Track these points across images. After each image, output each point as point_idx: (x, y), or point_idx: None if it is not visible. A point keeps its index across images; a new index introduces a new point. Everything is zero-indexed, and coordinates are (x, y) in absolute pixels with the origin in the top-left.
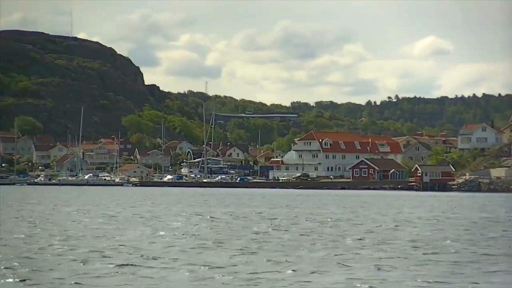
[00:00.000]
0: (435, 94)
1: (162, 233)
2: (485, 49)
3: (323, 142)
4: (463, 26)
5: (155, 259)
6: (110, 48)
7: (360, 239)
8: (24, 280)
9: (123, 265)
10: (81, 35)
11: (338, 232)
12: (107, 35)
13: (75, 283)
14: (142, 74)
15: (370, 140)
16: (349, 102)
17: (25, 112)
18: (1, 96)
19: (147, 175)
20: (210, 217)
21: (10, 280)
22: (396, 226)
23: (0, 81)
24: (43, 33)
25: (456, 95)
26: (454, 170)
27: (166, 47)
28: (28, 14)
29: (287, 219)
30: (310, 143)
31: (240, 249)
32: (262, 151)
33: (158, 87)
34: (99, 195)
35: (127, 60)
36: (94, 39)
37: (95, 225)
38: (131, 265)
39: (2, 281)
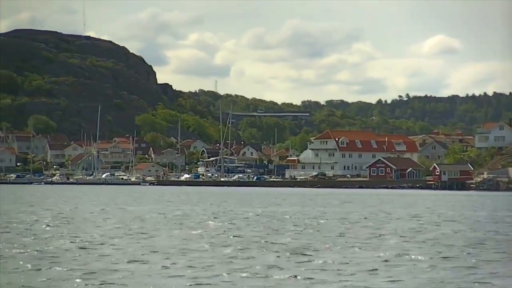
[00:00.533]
0: (445, 93)
1: (205, 232)
2: (494, 48)
3: (340, 141)
4: (471, 25)
5: (224, 263)
6: (123, 47)
7: (414, 238)
8: None
9: (191, 267)
10: (90, 34)
11: (381, 231)
12: (116, 34)
13: None
14: (155, 73)
15: (386, 139)
16: (360, 101)
17: (38, 111)
18: (14, 95)
19: (164, 174)
20: (244, 217)
21: None
22: (437, 225)
23: (14, 80)
24: (56, 32)
25: (467, 94)
26: (472, 169)
27: (175, 46)
28: (37, 13)
29: (325, 218)
30: (326, 142)
31: (293, 250)
32: (275, 150)
33: (171, 86)
34: (122, 195)
35: (139, 59)
36: (103, 38)
37: (137, 224)
38: (204, 269)
39: None
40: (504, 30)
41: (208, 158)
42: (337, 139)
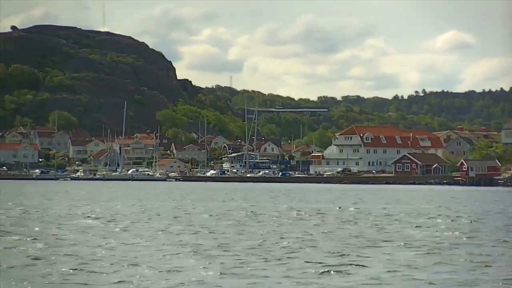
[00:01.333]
0: (461, 88)
1: (287, 228)
2: (507, 43)
3: (364, 136)
4: (484, 20)
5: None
6: (142, 42)
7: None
8: None
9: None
10: (103, 30)
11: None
12: (129, 30)
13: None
14: (174, 69)
15: (411, 134)
16: (376, 97)
17: (60, 107)
18: (36, 91)
19: (190, 170)
20: (303, 212)
21: None
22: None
23: (35, 76)
24: (75, 28)
25: (483, 89)
26: (500, 164)
27: (188, 41)
28: (51, 9)
29: (383, 215)
30: (351, 137)
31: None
32: (294, 145)
33: (191, 82)
34: (163, 191)
35: (159, 55)
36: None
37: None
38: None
39: None
40: None
41: (230, 153)
42: (361, 135)
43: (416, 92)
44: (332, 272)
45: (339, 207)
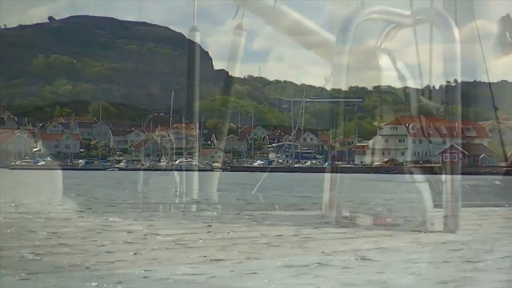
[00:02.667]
0: (486, 79)
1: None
2: None
3: (410, 127)
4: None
5: None
6: (179, 33)
7: None
8: None
9: None
10: (130, 19)
11: None
12: (154, 20)
13: None
14: (211, 59)
15: (456, 124)
16: (407, 86)
17: (99, 97)
18: (74, 82)
19: (237, 160)
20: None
21: None
22: None
23: (74, 67)
24: (112, 18)
25: None
26: None
27: (213, 31)
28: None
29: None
30: (396, 128)
31: None
32: (331, 135)
33: (227, 72)
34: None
35: (196, 45)
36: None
37: None
38: None
39: None
40: None
41: (270, 144)
42: (407, 125)
43: (448, 82)
44: None
45: None
